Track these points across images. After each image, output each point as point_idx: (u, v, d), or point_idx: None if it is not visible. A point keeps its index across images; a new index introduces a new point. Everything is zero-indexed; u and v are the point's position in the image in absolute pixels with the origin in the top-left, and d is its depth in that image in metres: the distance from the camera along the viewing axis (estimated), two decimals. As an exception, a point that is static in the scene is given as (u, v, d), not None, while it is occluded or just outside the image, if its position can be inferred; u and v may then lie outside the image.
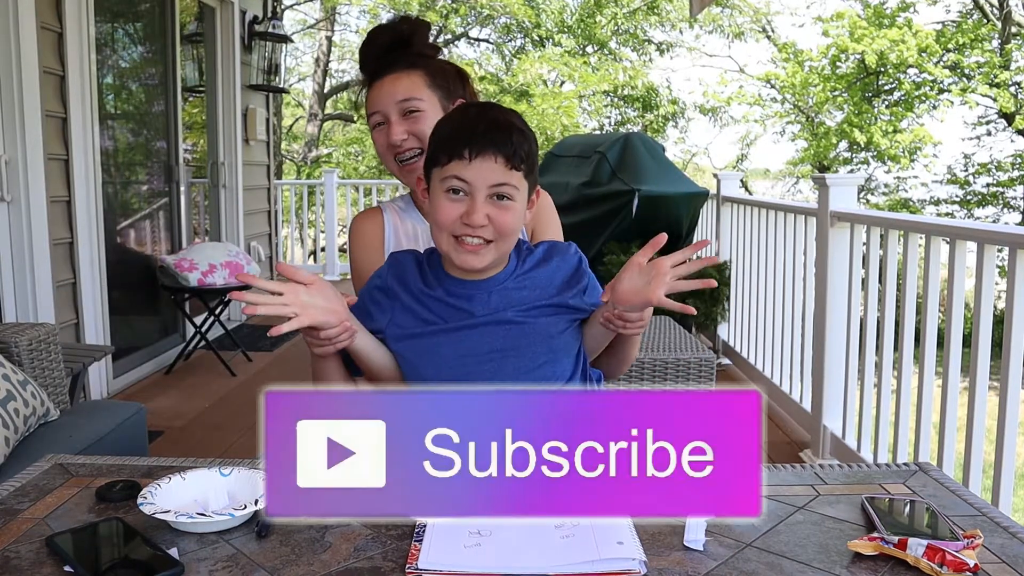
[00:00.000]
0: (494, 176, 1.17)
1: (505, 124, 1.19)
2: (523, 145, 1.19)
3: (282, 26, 6.04)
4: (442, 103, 1.51)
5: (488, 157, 1.16)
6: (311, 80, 15.95)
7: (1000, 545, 0.94)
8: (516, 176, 1.19)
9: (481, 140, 1.16)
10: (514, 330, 1.23)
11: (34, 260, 3.40)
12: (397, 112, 1.48)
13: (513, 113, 1.25)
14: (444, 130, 1.22)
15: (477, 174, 1.17)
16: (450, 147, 1.18)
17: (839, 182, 3.16)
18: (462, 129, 1.19)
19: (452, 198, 1.18)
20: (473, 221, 1.16)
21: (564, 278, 1.28)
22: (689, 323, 4.53)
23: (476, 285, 1.25)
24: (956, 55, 14.14)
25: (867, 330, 2.91)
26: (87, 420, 2.24)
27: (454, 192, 1.18)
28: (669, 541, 0.95)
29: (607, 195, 4.75)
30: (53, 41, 3.52)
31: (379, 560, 0.91)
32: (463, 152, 1.16)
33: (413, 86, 1.48)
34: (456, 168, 1.17)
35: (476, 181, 1.17)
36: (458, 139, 1.17)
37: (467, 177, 1.17)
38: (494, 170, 1.17)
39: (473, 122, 1.20)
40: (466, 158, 1.16)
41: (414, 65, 1.50)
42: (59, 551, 0.93)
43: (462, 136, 1.18)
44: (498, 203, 1.18)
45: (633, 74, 15.35)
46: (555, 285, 1.28)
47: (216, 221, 5.52)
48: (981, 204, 14.36)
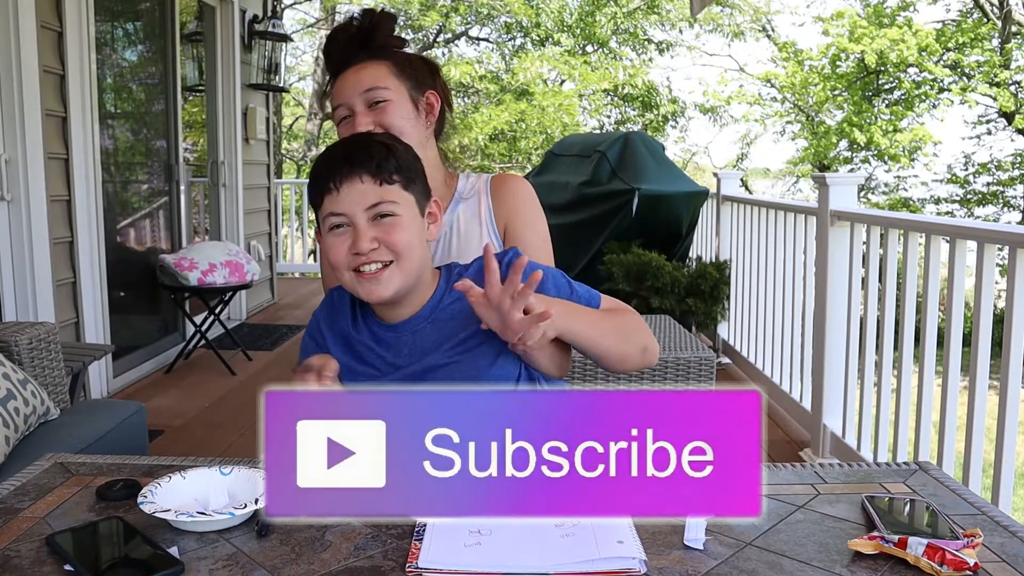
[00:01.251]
0: (366, 198, 1.13)
1: (366, 144, 1.16)
2: (388, 159, 1.14)
3: (282, 25, 6.04)
4: (411, 93, 1.45)
5: (354, 181, 1.13)
6: (311, 79, 15.95)
7: (1000, 544, 0.94)
8: (391, 191, 1.14)
9: (341, 166, 1.13)
10: (441, 373, 1.16)
11: (34, 259, 3.40)
12: (362, 103, 1.41)
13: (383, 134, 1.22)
14: (312, 173, 1.18)
15: (348, 201, 1.13)
16: (319, 186, 1.15)
17: (839, 181, 3.16)
18: (324, 164, 1.16)
19: (337, 234, 1.14)
20: (360, 248, 1.12)
21: None
22: (689, 322, 4.54)
23: (398, 328, 1.19)
24: (956, 54, 14.14)
25: (867, 329, 2.91)
26: (87, 419, 2.24)
27: (337, 228, 1.14)
28: (669, 540, 0.95)
29: (607, 194, 4.75)
30: (53, 40, 3.52)
31: (379, 559, 0.91)
32: (329, 185, 1.13)
33: (378, 75, 1.42)
34: (329, 204, 1.14)
35: (349, 209, 1.13)
36: (323, 175, 1.14)
37: (340, 209, 1.13)
38: (364, 192, 1.13)
39: (332, 154, 1.17)
40: (334, 190, 1.13)
41: (378, 56, 1.44)
42: (59, 550, 0.93)
43: (325, 170, 1.14)
44: (382, 223, 1.13)
45: (633, 73, 15.35)
46: None
47: (216, 220, 5.52)
48: (981, 203, 14.36)
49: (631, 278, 4.47)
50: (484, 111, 14.07)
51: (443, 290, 1.21)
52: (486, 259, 1.07)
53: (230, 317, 5.51)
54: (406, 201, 1.16)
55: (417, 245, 1.16)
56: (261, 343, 5.13)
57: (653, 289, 4.43)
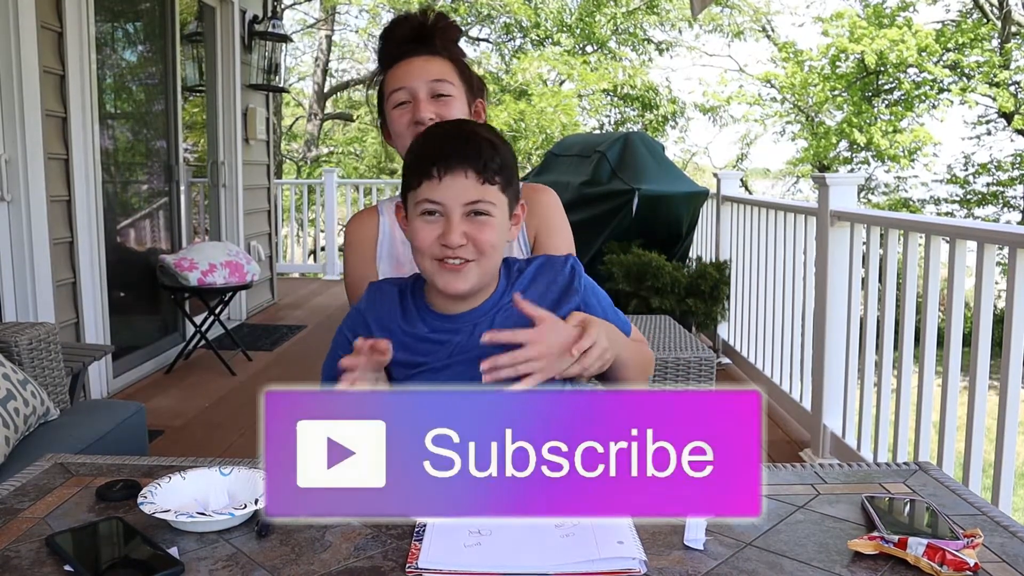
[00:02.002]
0: (467, 194, 1.12)
1: (474, 137, 1.15)
2: (495, 158, 1.14)
3: (282, 25, 6.04)
4: (467, 97, 1.45)
5: (459, 174, 1.12)
6: (311, 80, 15.95)
7: (1000, 544, 0.94)
8: (491, 191, 1.14)
9: (449, 157, 1.12)
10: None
11: (34, 259, 3.40)
12: (427, 91, 1.40)
13: (485, 127, 1.21)
14: (413, 153, 1.18)
15: (449, 193, 1.12)
16: (419, 169, 1.13)
17: (839, 181, 3.16)
18: (430, 149, 1.15)
19: (428, 220, 1.14)
20: (450, 241, 1.11)
21: (554, 297, 1.20)
22: (689, 322, 4.54)
23: (459, 319, 1.19)
24: (956, 54, 14.14)
25: (867, 329, 2.91)
26: (87, 419, 2.24)
27: (429, 214, 1.13)
28: (669, 540, 0.95)
29: (607, 194, 4.75)
30: (53, 40, 3.52)
31: (379, 559, 0.91)
32: (432, 172, 1.12)
33: (445, 71, 1.42)
34: (427, 190, 1.12)
35: (448, 200, 1.12)
36: (426, 159, 1.13)
37: (439, 198, 1.12)
38: (466, 187, 1.12)
39: (441, 140, 1.16)
40: (436, 177, 1.12)
41: (444, 54, 1.45)
42: (59, 550, 0.93)
43: (430, 156, 1.13)
44: (475, 220, 1.13)
45: (633, 73, 15.36)
46: (545, 306, 1.18)
47: (216, 220, 5.52)
48: (981, 203, 14.37)
49: (631, 278, 4.47)
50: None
51: (504, 286, 1.21)
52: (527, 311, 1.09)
53: (230, 317, 5.51)
54: (501, 203, 1.15)
55: (500, 246, 1.17)
56: (261, 343, 5.13)
57: (653, 289, 4.43)
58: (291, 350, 5.04)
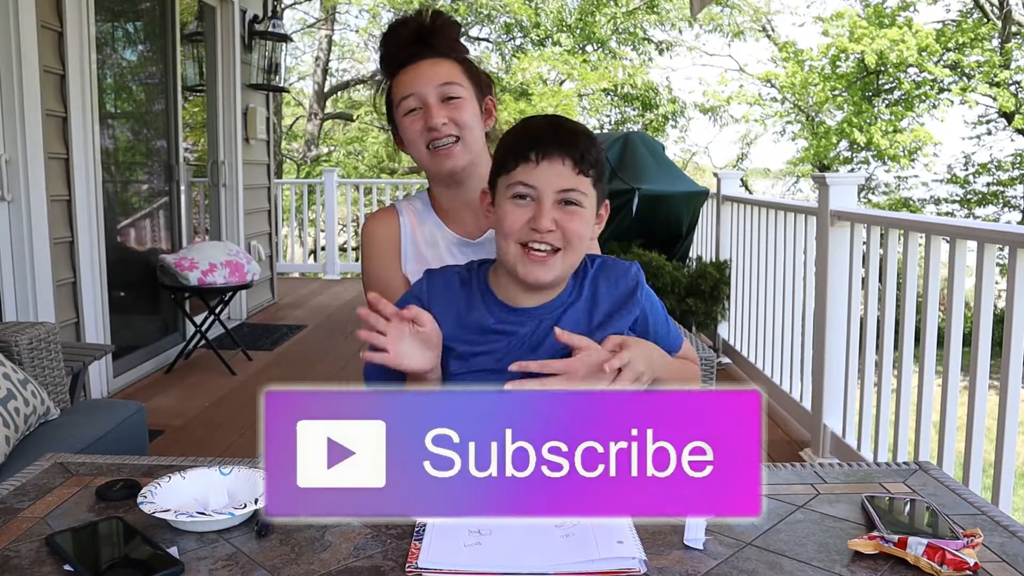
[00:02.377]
0: (561, 180, 1.13)
1: (572, 129, 1.17)
2: (591, 150, 1.16)
3: (282, 25, 6.04)
4: (477, 96, 1.44)
5: (555, 160, 1.13)
6: (311, 79, 15.95)
7: (1000, 544, 0.94)
8: (584, 182, 1.15)
9: (548, 143, 1.13)
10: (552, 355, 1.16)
11: (34, 259, 3.40)
12: (436, 96, 1.38)
13: (580, 124, 1.23)
14: (510, 137, 1.19)
15: (544, 178, 1.13)
16: (516, 152, 1.14)
17: (839, 181, 3.16)
18: (528, 134, 1.16)
19: (519, 204, 1.14)
20: (540, 226, 1.12)
21: (615, 301, 1.22)
22: (689, 322, 4.54)
23: (528, 312, 1.19)
24: (956, 54, 14.14)
25: (867, 329, 2.91)
26: (87, 419, 2.23)
27: (520, 198, 1.14)
28: (669, 540, 0.95)
29: (607, 194, 4.75)
30: (53, 40, 3.52)
31: (379, 559, 0.91)
32: (529, 155, 1.13)
33: (453, 73, 1.41)
34: (522, 173, 1.13)
35: (543, 185, 1.13)
36: (524, 143, 1.14)
37: (533, 182, 1.13)
38: (561, 174, 1.13)
39: (540, 127, 1.17)
40: (533, 161, 1.13)
41: (449, 55, 1.43)
42: (59, 550, 0.93)
43: (528, 140, 1.14)
44: (566, 208, 1.14)
45: (633, 73, 15.36)
46: (602, 311, 1.21)
47: (216, 220, 5.52)
48: (981, 203, 14.36)
49: (631, 278, 4.47)
50: (484, 111, 14.05)
51: (571, 285, 1.21)
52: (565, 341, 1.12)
53: (230, 317, 5.51)
54: (591, 195, 1.17)
55: (586, 238, 1.18)
56: (261, 343, 5.13)
57: (653, 289, 4.43)
58: (291, 350, 5.04)
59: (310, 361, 4.76)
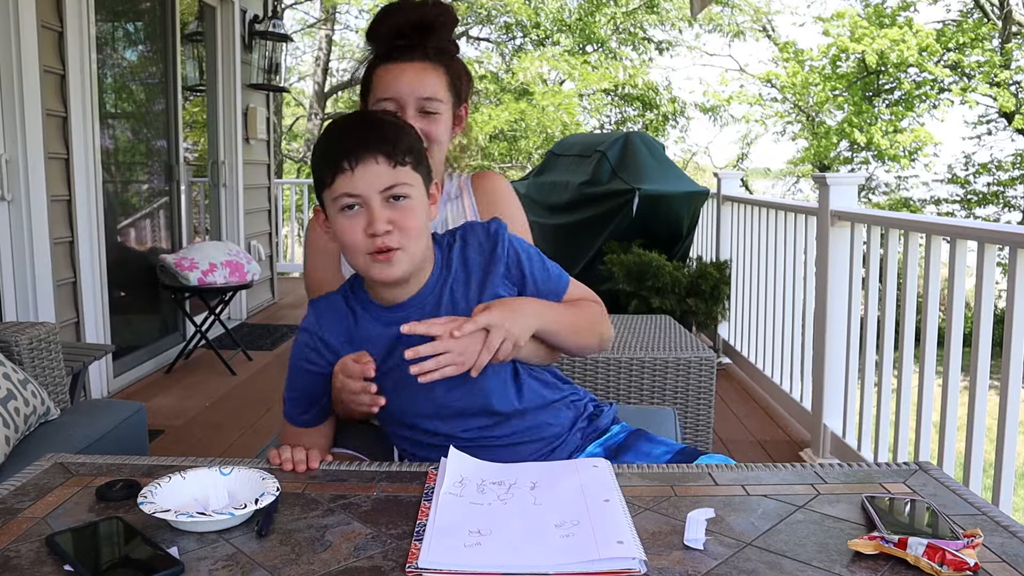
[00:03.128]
0: (381, 180, 1.12)
1: (377, 122, 1.16)
2: (401, 139, 1.15)
3: (282, 25, 6.04)
4: (453, 108, 1.46)
5: (369, 162, 1.12)
6: (311, 79, 15.96)
7: (1000, 544, 0.94)
8: (405, 172, 1.14)
9: (357, 147, 1.12)
10: None
11: (34, 259, 3.40)
12: (415, 107, 1.40)
13: (387, 113, 1.22)
14: (319, 150, 1.16)
15: (363, 182, 1.12)
16: (330, 164, 1.13)
17: (839, 181, 3.16)
18: (336, 143, 1.15)
19: (350, 215, 1.14)
20: (376, 229, 1.12)
21: (483, 262, 1.23)
22: (689, 322, 4.54)
23: (406, 306, 1.20)
24: (956, 54, 14.14)
25: (867, 329, 2.91)
26: (87, 419, 2.23)
27: (349, 208, 1.13)
28: (669, 540, 0.95)
29: (607, 194, 4.75)
30: (54, 40, 3.52)
31: (379, 559, 0.91)
32: (343, 165, 1.12)
33: (438, 87, 1.41)
34: (343, 184, 1.12)
35: (365, 190, 1.12)
36: (335, 154, 1.13)
37: (356, 190, 1.12)
38: (379, 173, 1.12)
39: (344, 133, 1.16)
40: (349, 170, 1.12)
41: (439, 61, 1.43)
42: (59, 550, 0.93)
43: (337, 149, 1.13)
44: (396, 205, 1.14)
45: (633, 73, 15.35)
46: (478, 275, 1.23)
47: (216, 220, 5.52)
48: (981, 203, 14.37)
49: (631, 278, 4.47)
50: (484, 111, 14.07)
51: (440, 262, 1.23)
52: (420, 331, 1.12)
53: (230, 317, 5.51)
54: (417, 182, 1.16)
55: (426, 228, 1.18)
56: (261, 343, 5.13)
57: (653, 289, 4.43)
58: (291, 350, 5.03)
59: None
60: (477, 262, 1.23)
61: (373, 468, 1.18)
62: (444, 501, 1.02)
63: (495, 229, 1.25)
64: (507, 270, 1.24)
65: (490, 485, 1.07)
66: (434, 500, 1.03)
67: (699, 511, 1.00)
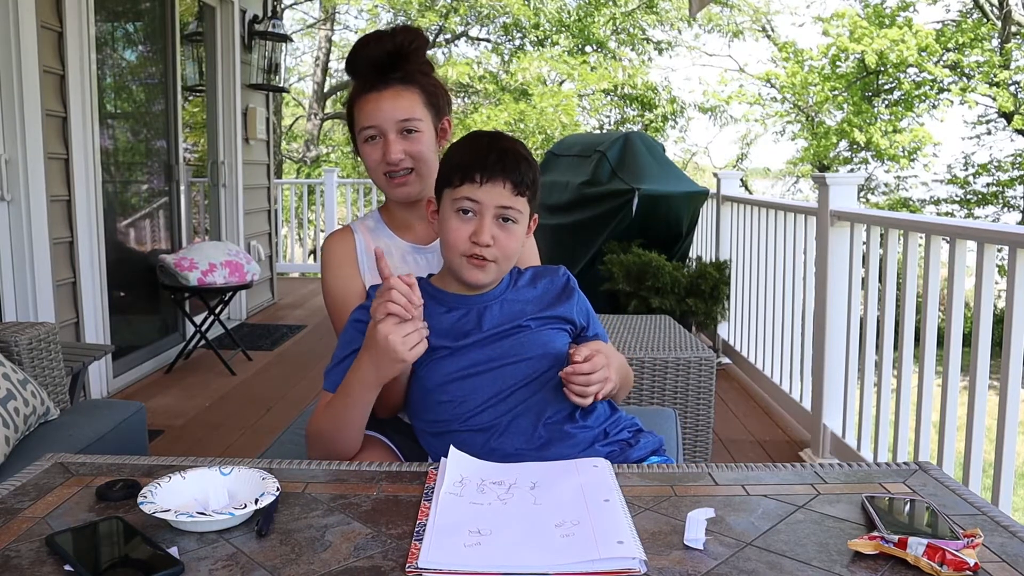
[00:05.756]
0: (502, 199, 1.28)
1: (514, 154, 1.30)
2: (529, 174, 1.30)
3: (282, 25, 6.04)
4: (433, 123, 1.52)
5: (498, 182, 1.27)
6: (311, 79, 15.96)
7: (1000, 544, 0.94)
8: (521, 202, 1.30)
9: (493, 167, 1.27)
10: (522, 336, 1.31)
11: (34, 259, 3.40)
12: (395, 131, 1.48)
13: (520, 144, 1.35)
14: (457, 156, 1.31)
15: (487, 196, 1.27)
16: (463, 171, 1.28)
17: (839, 181, 3.16)
18: (475, 155, 1.29)
19: (462, 218, 1.29)
20: (481, 240, 1.27)
21: (554, 295, 1.39)
22: (689, 322, 4.54)
23: (470, 301, 1.34)
24: (956, 54, 14.15)
25: (867, 329, 2.91)
26: (87, 419, 2.23)
27: (464, 212, 1.28)
28: (669, 540, 0.95)
29: (607, 194, 4.75)
30: (53, 40, 3.52)
31: (379, 559, 0.91)
32: (475, 176, 1.27)
33: (413, 107, 1.48)
34: (468, 190, 1.28)
35: (485, 201, 1.27)
36: (471, 164, 1.28)
37: (478, 198, 1.27)
38: (502, 194, 1.28)
39: (486, 150, 1.30)
40: (477, 182, 1.27)
41: (413, 82, 1.49)
42: (59, 550, 0.93)
43: (475, 162, 1.28)
44: (503, 225, 1.29)
45: (632, 73, 15.35)
46: (546, 301, 1.38)
47: (216, 220, 5.52)
48: (981, 203, 14.37)
49: (631, 278, 4.47)
50: (483, 111, 14.08)
51: (507, 282, 1.38)
52: (579, 356, 1.25)
53: (230, 317, 5.51)
54: (526, 213, 1.32)
55: (518, 252, 1.34)
56: (261, 343, 5.13)
57: (653, 289, 4.43)
58: (291, 350, 5.04)
59: (310, 361, 4.76)
60: (544, 295, 1.39)
61: (373, 468, 1.18)
62: (444, 501, 1.02)
63: (564, 272, 1.44)
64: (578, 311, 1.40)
65: (490, 485, 1.07)
66: (434, 500, 1.03)
67: (699, 511, 1.00)
